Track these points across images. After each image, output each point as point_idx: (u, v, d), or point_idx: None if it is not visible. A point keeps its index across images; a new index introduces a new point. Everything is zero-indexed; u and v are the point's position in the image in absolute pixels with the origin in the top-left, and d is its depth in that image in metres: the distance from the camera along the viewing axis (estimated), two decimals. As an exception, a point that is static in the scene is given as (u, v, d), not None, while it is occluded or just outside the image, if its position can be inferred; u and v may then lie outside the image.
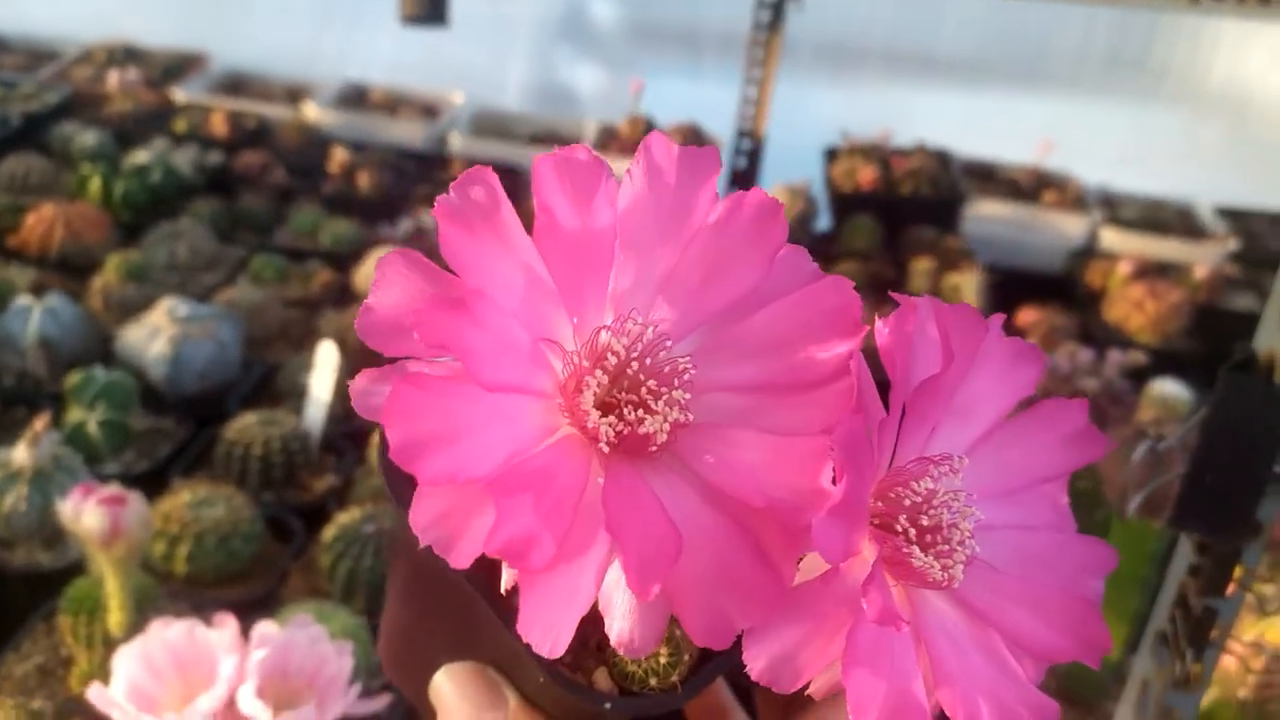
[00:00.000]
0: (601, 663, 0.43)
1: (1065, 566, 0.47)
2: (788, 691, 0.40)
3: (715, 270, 0.41)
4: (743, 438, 0.40)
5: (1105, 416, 1.45)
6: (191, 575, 1.36)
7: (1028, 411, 0.48)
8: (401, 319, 0.38)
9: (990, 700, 0.43)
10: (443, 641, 0.48)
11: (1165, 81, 3.22)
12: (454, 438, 0.35)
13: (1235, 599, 0.87)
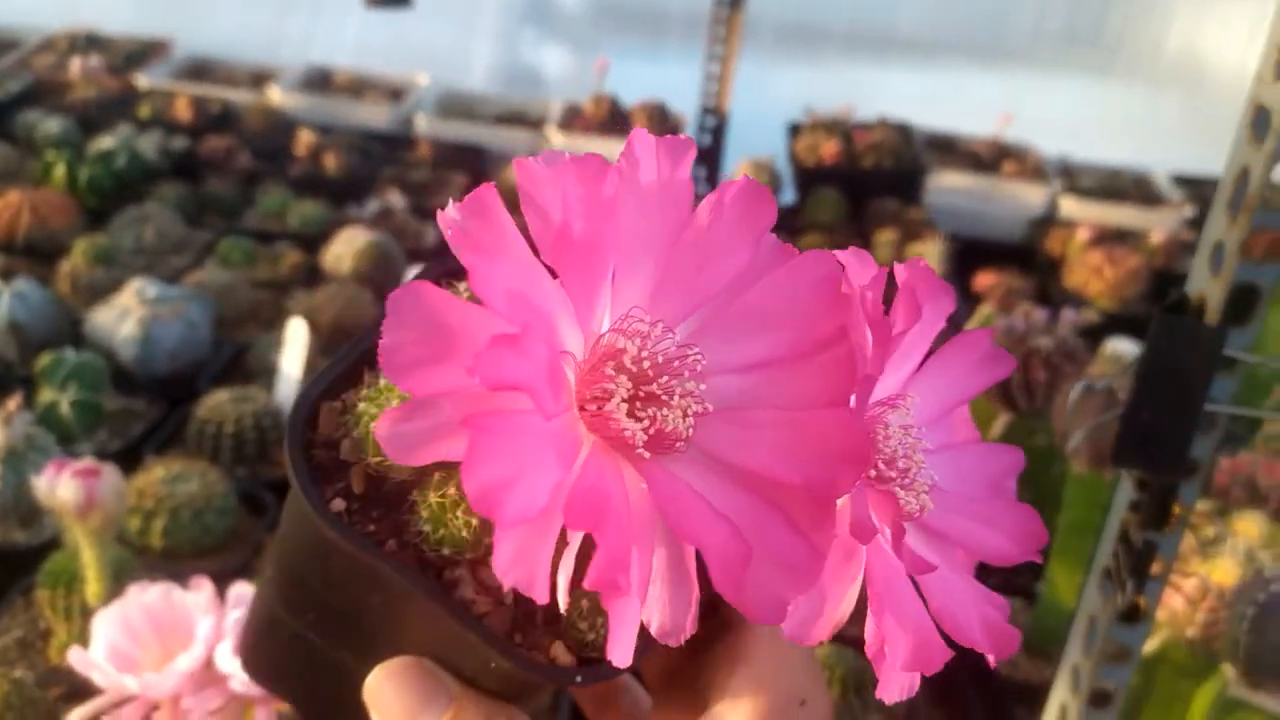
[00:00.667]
0: (555, 636, 0.44)
1: (989, 474, 0.50)
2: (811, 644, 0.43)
3: (708, 257, 0.42)
4: (757, 418, 0.40)
5: (1060, 373, 1.49)
6: (167, 549, 1.38)
7: (946, 345, 0.51)
8: (422, 355, 0.37)
9: (977, 615, 0.46)
10: (355, 642, 0.46)
11: (1120, 55, 3.28)
12: (520, 474, 0.35)
13: (1175, 534, 0.91)
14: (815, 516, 0.39)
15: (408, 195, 2.38)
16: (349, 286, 1.94)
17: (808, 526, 0.39)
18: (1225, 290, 0.82)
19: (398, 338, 0.37)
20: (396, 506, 0.44)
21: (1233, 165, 0.82)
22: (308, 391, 0.46)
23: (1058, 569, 1.42)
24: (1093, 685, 0.96)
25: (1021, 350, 1.51)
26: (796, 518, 0.39)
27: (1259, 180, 0.79)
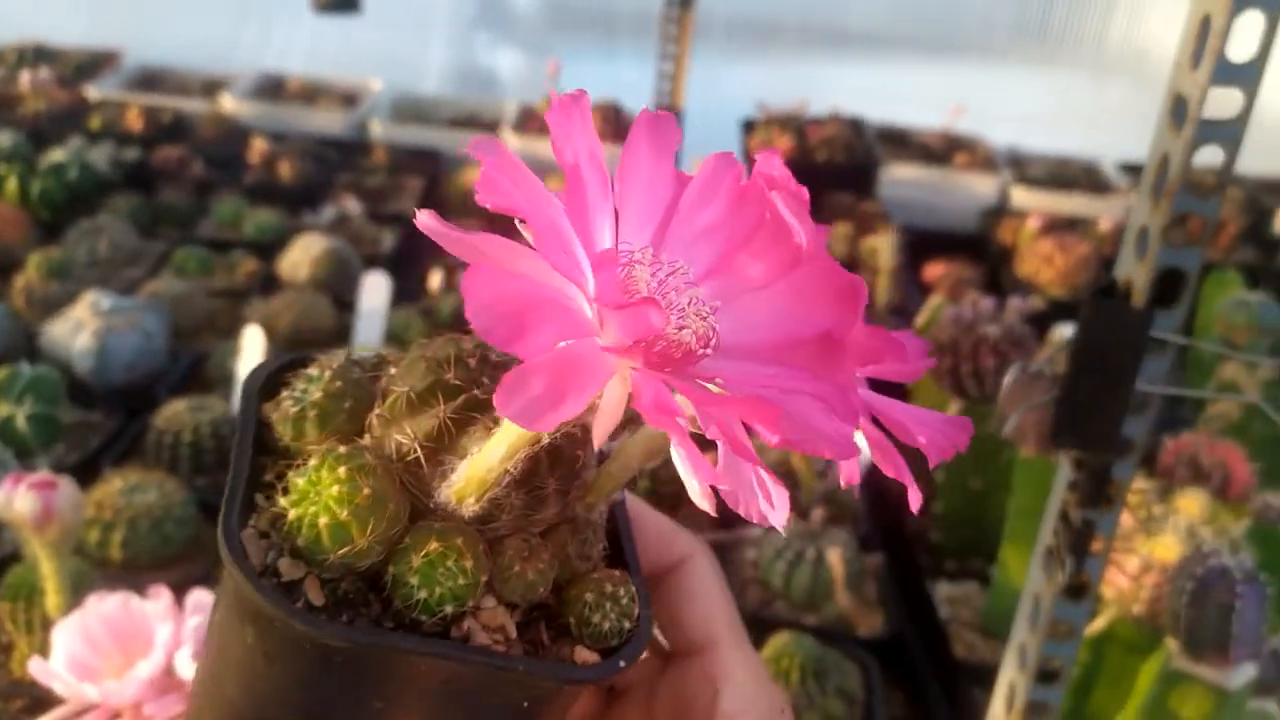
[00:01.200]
0: (571, 645, 0.45)
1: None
2: None
3: (642, 186, 0.44)
4: (744, 305, 0.42)
5: (1007, 360, 1.52)
6: (127, 560, 1.38)
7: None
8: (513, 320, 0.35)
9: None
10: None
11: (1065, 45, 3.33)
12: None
13: (1113, 512, 0.94)
14: (831, 361, 0.40)
15: (364, 201, 2.38)
16: (306, 294, 1.94)
17: (829, 372, 0.40)
18: (1150, 274, 0.84)
19: (486, 320, 0.34)
20: (363, 601, 0.43)
21: (1154, 153, 0.85)
22: (228, 521, 0.43)
23: (1010, 553, 1.45)
24: (1039, 662, 0.98)
25: (970, 338, 1.53)
26: (817, 369, 0.40)
27: (1178, 167, 0.81)
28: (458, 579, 0.42)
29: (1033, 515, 1.43)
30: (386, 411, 0.44)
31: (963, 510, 1.65)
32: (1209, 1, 0.79)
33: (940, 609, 1.54)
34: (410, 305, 1.97)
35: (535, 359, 0.34)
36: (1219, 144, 0.81)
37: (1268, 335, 1.60)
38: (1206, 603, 1.03)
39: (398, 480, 0.43)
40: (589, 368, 0.35)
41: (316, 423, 0.46)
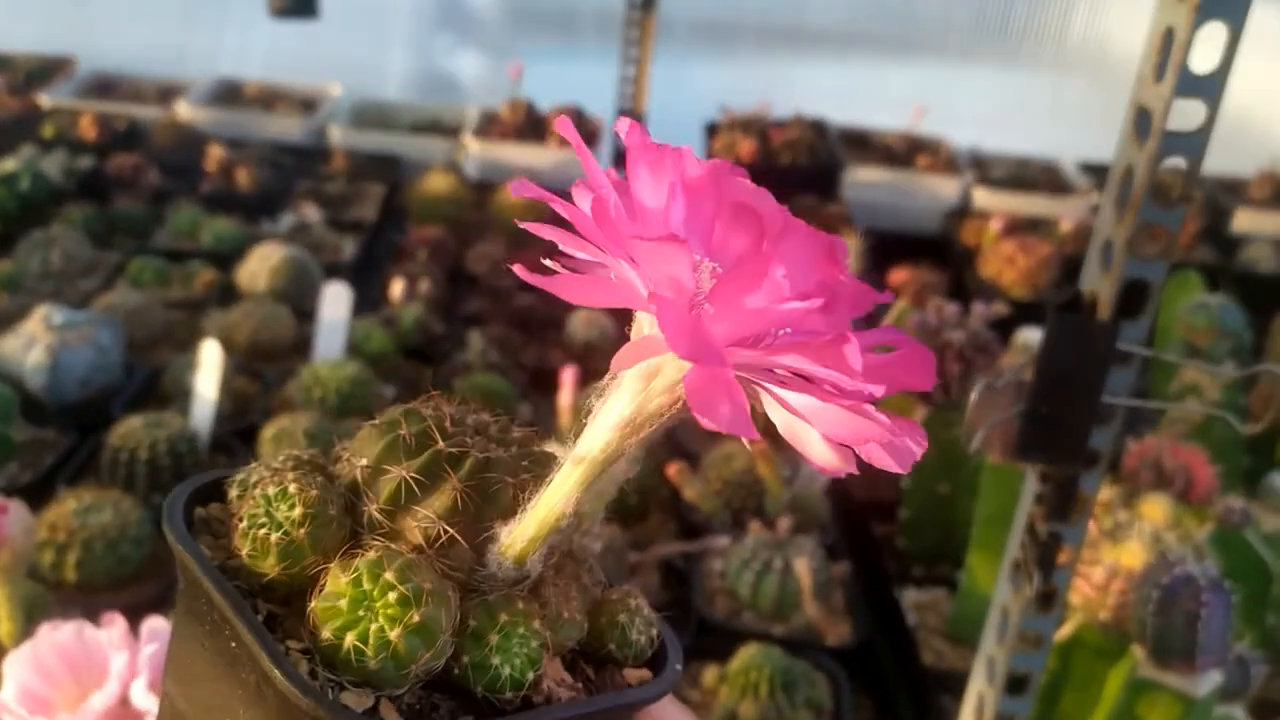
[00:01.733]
0: (618, 668, 0.46)
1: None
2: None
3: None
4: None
5: (973, 365, 1.52)
6: (82, 581, 1.35)
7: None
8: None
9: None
10: None
11: (1026, 43, 3.34)
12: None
13: (1079, 524, 0.94)
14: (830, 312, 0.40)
15: (323, 208, 2.35)
16: (265, 304, 1.91)
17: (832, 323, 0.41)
18: (1115, 286, 0.84)
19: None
20: (430, 707, 0.42)
21: (1117, 165, 0.84)
22: (304, 684, 0.39)
23: (976, 559, 1.45)
24: (1007, 672, 0.98)
25: (935, 344, 1.53)
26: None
27: (1142, 179, 0.81)
28: (531, 643, 0.42)
29: (999, 522, 1.43)
30: (388, 503, 0.43)
31: (929, 516, 1.65)
32: (1172, 14, 0.79)
33: (908, 616, 1.54)
34: (371, 314, 1.95)
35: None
36: (1183, 155, 0.81)
37: (1228, 338, 1.61)
38: (1172, 611, 1.03)
39: (437, 568, 0.42)
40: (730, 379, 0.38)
41: (311, 542, 0.42)
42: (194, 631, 0.43)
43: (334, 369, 1.69)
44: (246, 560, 0.43)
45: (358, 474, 0.44)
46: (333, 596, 0.40)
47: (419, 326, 1.94)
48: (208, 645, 0.42)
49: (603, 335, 2.06)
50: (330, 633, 0.40)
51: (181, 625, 0.45)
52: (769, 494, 1.59)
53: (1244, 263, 2.54)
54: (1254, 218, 2.67)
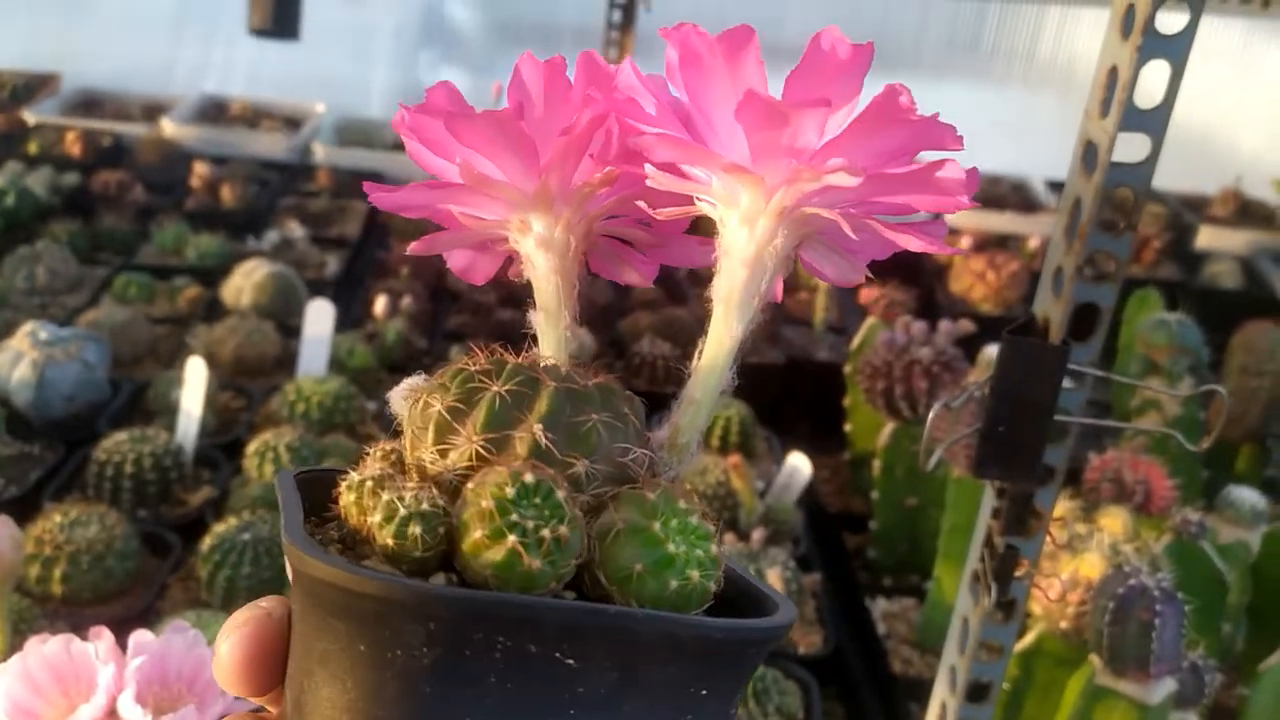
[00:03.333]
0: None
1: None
2: None
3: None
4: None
5: (939, 381, 1.56)
6: (68, 595, 1.37)
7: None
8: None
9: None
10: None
11: (997, 61, 3.40)
12: None
13: (1036, 537, 0.98)
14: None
15: (307, 225, 2.38)
16: (250, 320, 1.94)
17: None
18: (1066, 311, 0.89)
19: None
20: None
21: (1067, 196, 0.89)
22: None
23: (943, 569, 1.49)
24: (969, 681, 1.02)
25: (903, 361, 1.57)
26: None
27: (1090, 209, 0.86)
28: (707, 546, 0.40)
29: (965, 533, 1.47)
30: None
31: (899, 527, 1.69)
32: (1116, 53, 0.83)
33: (878, 625, 1.58)
34: (354, 330, 1.98)
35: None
36: (1129, 186, 0.85)
37: (1187, 354, 1.66)
38: (1127, 620, 1.07)
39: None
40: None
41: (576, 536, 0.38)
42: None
43: (317, 384, 1.72)
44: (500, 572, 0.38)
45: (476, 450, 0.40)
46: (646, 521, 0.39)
47: (402, 342, 1.97)
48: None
49: (581, 348, 2.10)
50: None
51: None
52: (743, 506, 1.63)
53: (1206, 279, 2.60)
54: (1216, 234, 2.73)
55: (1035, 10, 3.34)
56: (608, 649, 0.37)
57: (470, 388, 0.42)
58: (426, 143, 0.46)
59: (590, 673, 0.37)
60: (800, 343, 2.20)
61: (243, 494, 1.53)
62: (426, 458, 0.40)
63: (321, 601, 0.38)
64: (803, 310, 2.29)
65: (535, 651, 0.36)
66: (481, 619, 0.36)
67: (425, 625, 0.36)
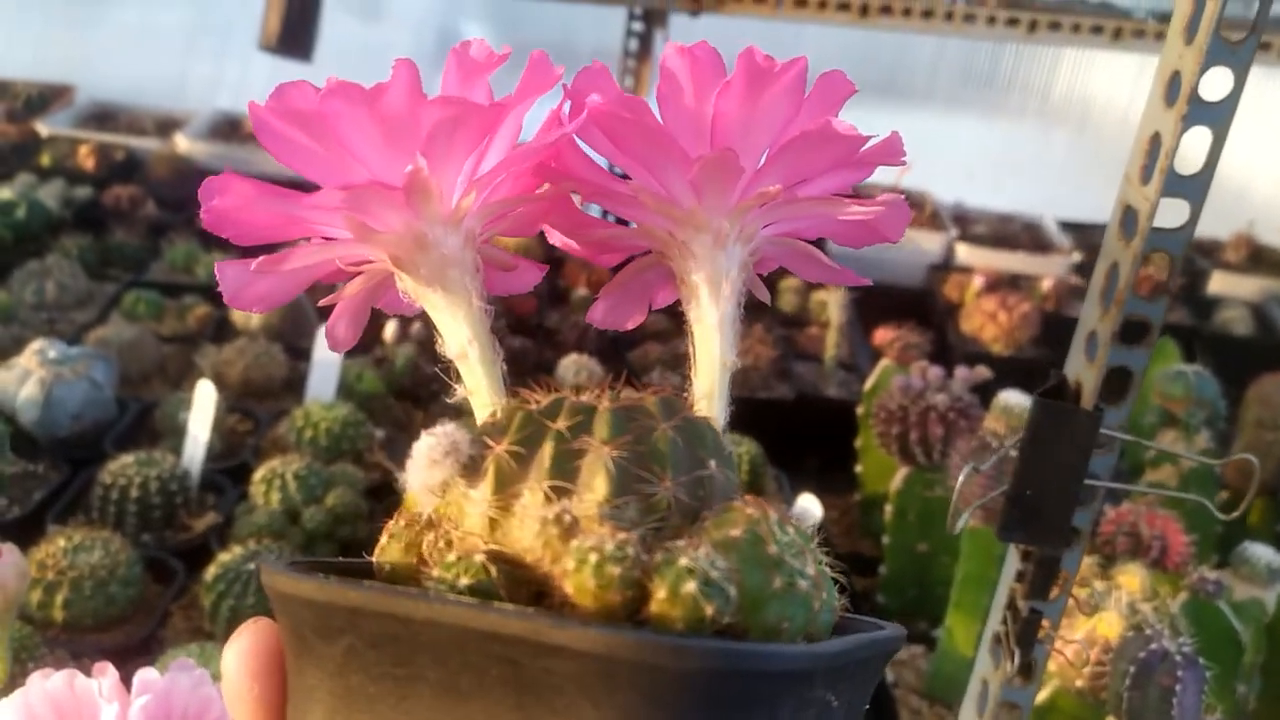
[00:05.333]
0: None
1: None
2: None
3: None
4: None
5: (955, 428, 1.55)
6: (69, 622, 1.36)
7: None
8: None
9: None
10: None
11: (1013, 94, 3.40)
12: None
13: (1059, 601, 0.96)
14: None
15: (317, 245, 2.37)
16: (258, 342, 1.93)
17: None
18: (1099, 376, 0.87)
19: None
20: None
21: (1104, 260, 0.88)
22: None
23: (955, 619, 1.47)
24: (986, 745, 1.00)
25: (918, 406, 1.56)
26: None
27: (1127, 276, 0.84)
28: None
29: (979, 583, 1.46)
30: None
31: (908, 572, 1.68)
32: (1159, 120, 0.82)
33: (886, 672, 1.56)
34: (364, 355, 1.96)
35: None
36: (1166, 250, 0.84)
37: (1204, 407, 1.65)
38: (1147, 686, 1.06)
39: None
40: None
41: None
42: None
43: (326, 409, 1.71)
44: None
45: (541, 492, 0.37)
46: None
47: (410, 368, 1.95)
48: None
49: (590, 377, 2.08)
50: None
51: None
52: (753, 548, 1.61)
53: (1219, 325, 2.59)
54: (1229, 280, 2.72)
55: (1051, 48, 3.34)
56: (848, 682, 0.35)
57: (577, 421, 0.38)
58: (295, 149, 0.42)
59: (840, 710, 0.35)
60: (810, 379, 2.19)
61: (248, 521, 1.51)
62: (603, 510, 0.35)
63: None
64: (813, 346, 2.28)
65: (815, 696, 0.34)
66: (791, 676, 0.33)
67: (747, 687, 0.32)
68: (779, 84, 0.43)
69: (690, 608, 0.32)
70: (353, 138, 0.40)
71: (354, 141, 0.40)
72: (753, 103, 0.43)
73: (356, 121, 0.39)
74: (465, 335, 0.44)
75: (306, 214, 0.42)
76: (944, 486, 1.59)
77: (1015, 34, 2.36)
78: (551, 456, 0.37)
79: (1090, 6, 2.40)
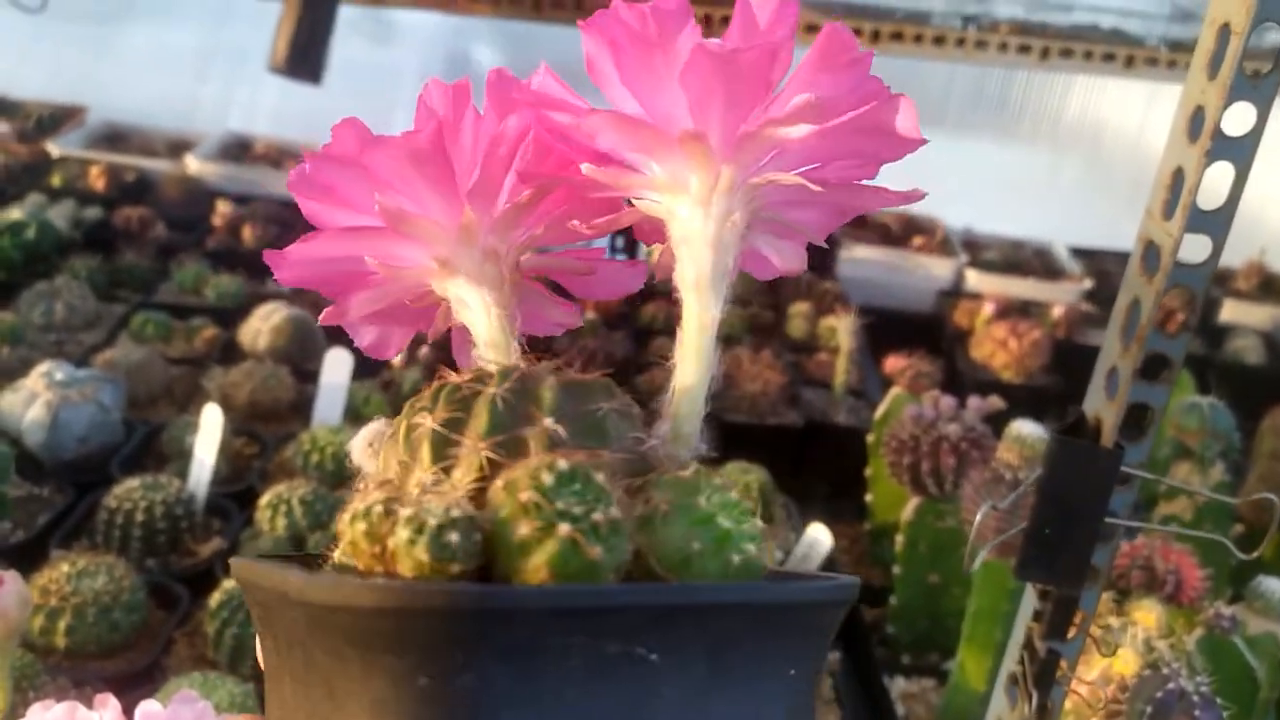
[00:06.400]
0: None
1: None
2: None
3: None
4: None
5: (967, 458, 1.53)
6: (72, 648, 1.34)
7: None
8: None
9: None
10: None
11: (1025, 119, 3.39)
12: None
13: (1077, 641, 0.95)
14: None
15: (326, 267, 2.36)
16: (265, 364, 1.92)
17: None
18: (1120, 413, 0.86)
19: None
20: None
21: (1124, 295, 0.86)
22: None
23: (967, 654, 1.45)
24: (1002, 786, 0.98)
25: (930, 436, 1.55)
26: None
27: (1149, 312, 0.83)
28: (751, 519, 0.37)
29: (991, 617, 1.44)
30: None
31: (919, 604, 1.66)
32: (1181, 155, 0.81)
33: (897, 705, 1.54)
34: (370, 379, 1.96)
35: None
36: (1188, 286, 0.83)
37: (1219, 439, 1.63)
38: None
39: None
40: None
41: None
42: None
43: (332, 434, 1.70)
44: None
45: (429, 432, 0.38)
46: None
47: (417, 392, 1.94)
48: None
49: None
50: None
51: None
52: (762, 578, 1.59)
53: (1231, 354, 2.57)
54: (1241, 308, 2.71)
55: (1064, 74, 3.34)
56: (697, 636, 0.33)
57: (461, 397, 0.39)
58: (330, 194, 0.44)
59: (677, 669, 0.33)
60: (820, 405, 2.18)
61: (253, 546, 1.50)
62: (428, 479, 0.37)
63: (329, 632, 0.33)
64: (822, 372, 2.27)
65: (615, 652, 0.32)
66: (556, 616, 0.31)
67: (480, 637, 0.31)
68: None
69: (407, 555, 0.33)
70: (401, 178, 0.42)
71: (402, 181, 0.42)
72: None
73: (404, 165, 0.41)
74: (486, 337, 0.45)
75: (369, 248, 0.44)
76: (956, 517, 1.57)
77: (1027, 61, 2.36)
78: (487, 422, 0.38)
79: (1103, 34, 2.39)
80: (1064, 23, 2.47)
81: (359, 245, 0.45)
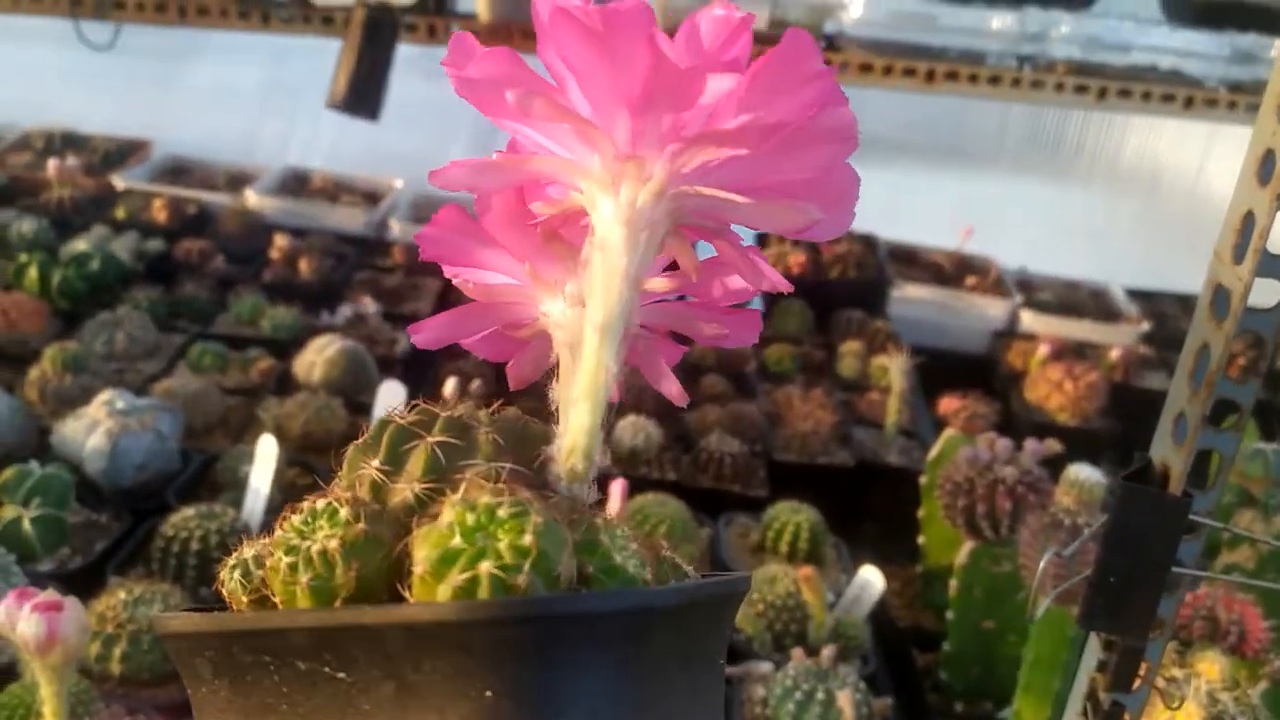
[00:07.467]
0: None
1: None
2: None
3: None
4: None
5: (1024, 502, 1.51)
6: (126, 675, 1.35)
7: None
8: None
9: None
10: None
11: (1080, 160, 3.36)
12: None
13: (1141, 692, 0.93)
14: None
15: (380, 301, 2.39)
16: (319, 396, 1.94)
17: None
18: (1188, 460, 0.84)
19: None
20: None
21: (1193, 340, 0.85)
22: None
23: (1024, 703, 1.42)
24: (1063, 841, 0.96)
25: (986, 479, 1.53)
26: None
27: (1218, 357, 0.82)
28: (633, 545, 0.41)
29: (1050, 666, 1.41)
30: (425, 476, 0.43)
31: (973, 650, 1.63)
32: (1251, 198, 0.80)
33: (951, 756, 1.51)
34: (423, 412, 1.97)
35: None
36: (1258, 331, 0.82)
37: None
38: (1233, 784, 1.01)
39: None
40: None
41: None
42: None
43: (385, 467, 1.71)
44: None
45: (371, 477, 0.44)
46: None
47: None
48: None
49: (648, 441, 2.07)
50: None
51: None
52: (813, 620, 1.58)
53: (1294, 399, 2.52)
54: (1305, 353, 2.65)
55: (1121, 115, 3.31)
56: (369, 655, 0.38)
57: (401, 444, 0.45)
58: (444, 259, 0.48)
59: (366, 683, 0.38)
60: (871, 445, 2.16)
61: (306, 578, 1.51)
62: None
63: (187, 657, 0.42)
64: (874, 412, 2.25)
65: (305, 668, 0.38)
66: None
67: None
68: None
69: (283, 581, 0.40)
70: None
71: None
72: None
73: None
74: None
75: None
76: (1012, 562, 1.55)
77: (1084, 101, 2.35)
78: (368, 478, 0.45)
79: (1161, 75, 2.37)
80: (1121, 63, 2.45)
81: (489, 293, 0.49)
